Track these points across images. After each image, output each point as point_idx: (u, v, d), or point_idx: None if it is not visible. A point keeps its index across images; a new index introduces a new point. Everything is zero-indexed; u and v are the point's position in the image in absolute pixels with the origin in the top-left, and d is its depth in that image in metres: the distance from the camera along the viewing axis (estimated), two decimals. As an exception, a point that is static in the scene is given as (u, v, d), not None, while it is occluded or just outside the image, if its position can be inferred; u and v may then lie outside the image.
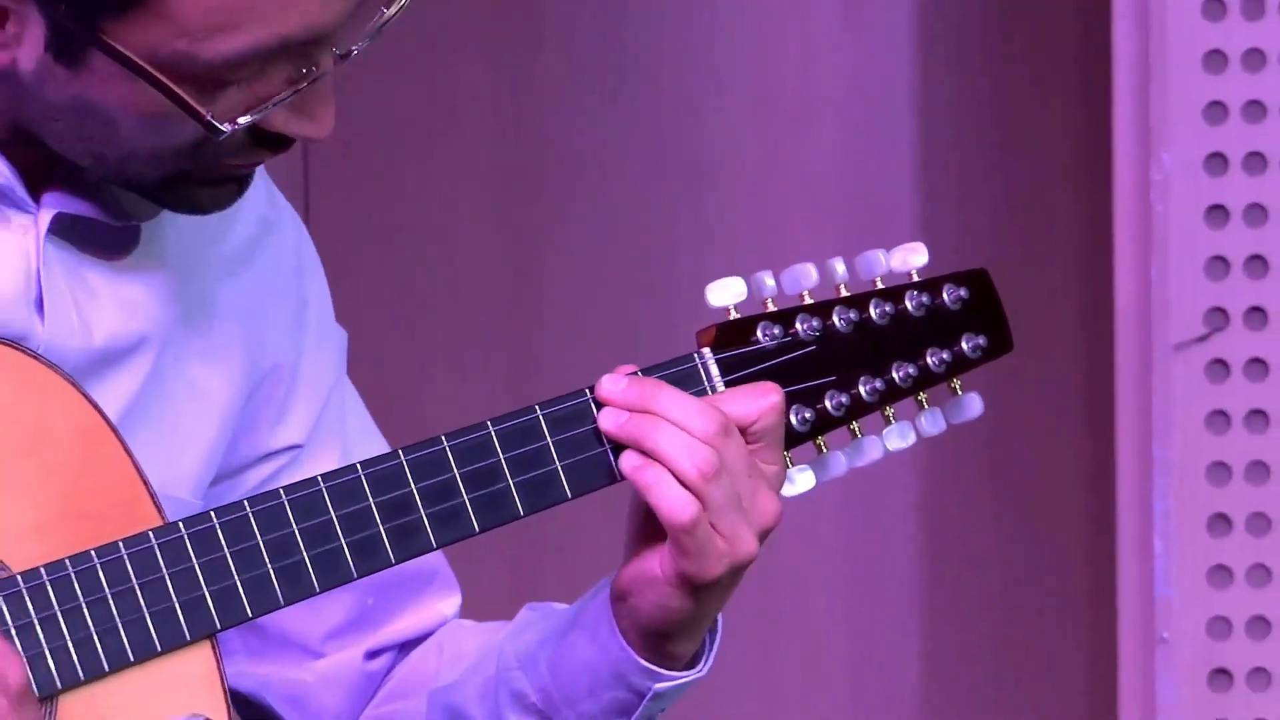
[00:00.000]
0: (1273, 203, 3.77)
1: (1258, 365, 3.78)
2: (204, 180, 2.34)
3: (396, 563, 2.25)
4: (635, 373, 2.27)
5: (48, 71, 2.29)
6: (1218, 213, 3.75)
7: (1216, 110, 3.80)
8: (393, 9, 2.27)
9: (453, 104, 4.65)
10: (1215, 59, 3.77)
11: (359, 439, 2.50)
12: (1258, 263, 3.77)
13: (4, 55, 2.27)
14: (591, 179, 4.53)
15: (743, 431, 2.30)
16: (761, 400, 2.27)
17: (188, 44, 2.23)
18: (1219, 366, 3.75)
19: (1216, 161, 3.76)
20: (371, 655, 2.50)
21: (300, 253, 2.52)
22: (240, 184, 2.34)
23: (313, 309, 2.54)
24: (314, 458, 2.46)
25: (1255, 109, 3.82)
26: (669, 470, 2.26)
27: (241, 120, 2.24)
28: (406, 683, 2.51)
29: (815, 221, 4.36)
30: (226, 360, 2.47)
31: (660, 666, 2.32)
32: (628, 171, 4.51)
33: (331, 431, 2.50)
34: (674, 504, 2.24)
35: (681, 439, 2.28)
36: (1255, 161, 3.76)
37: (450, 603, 2.51)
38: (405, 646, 2.51)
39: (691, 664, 2.35)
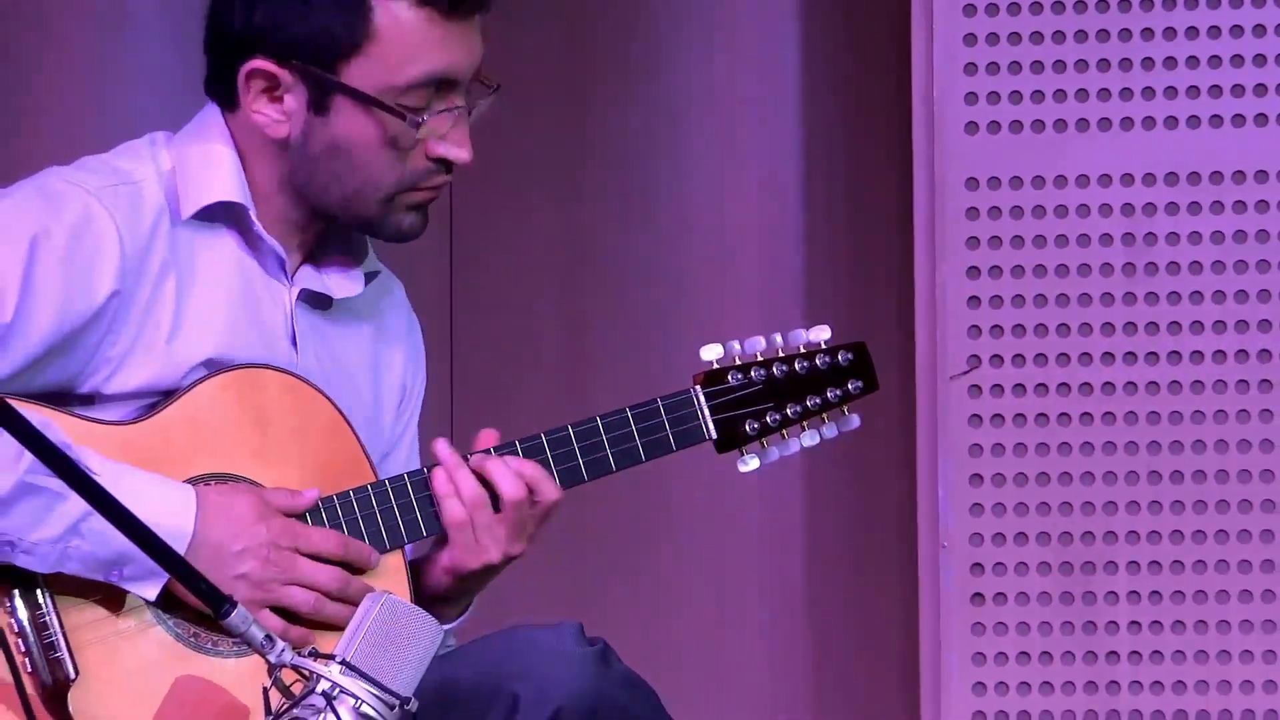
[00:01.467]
0: (1028, 265, 3.91)
1: (997, 389, 3.90)
2: (409, 199, 2.75)
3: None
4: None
5: (309, 128, 2.71)
6: (977, 293, 3.89)
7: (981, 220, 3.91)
8: (489, 91, 2.74)
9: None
10: (973, 182, 3.89)
11: (407, 444, 2.92)
12: (999, 329, 3.92)
13: (283, 128, 2.71)
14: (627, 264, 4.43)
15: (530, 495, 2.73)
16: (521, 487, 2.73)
17: (387, 75, 2.67)
18: (975, 389, 3.89)
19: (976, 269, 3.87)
20: None
21: (414, 317, 2.94)
22: (422, 214, 2.76)
23: (419, 347, 2.94)
24: (401, 446, 2.91)
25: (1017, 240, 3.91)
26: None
27: (423, 131, 2.69)
28: None
29: (757, 304, 4.41)
30: (397, 381, 2.90)
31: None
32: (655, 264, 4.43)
33: (408, 433, 2.92)
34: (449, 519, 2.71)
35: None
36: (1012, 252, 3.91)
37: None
38: None
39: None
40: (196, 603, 2.50)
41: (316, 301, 2.78)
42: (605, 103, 4.38)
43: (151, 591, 2.55)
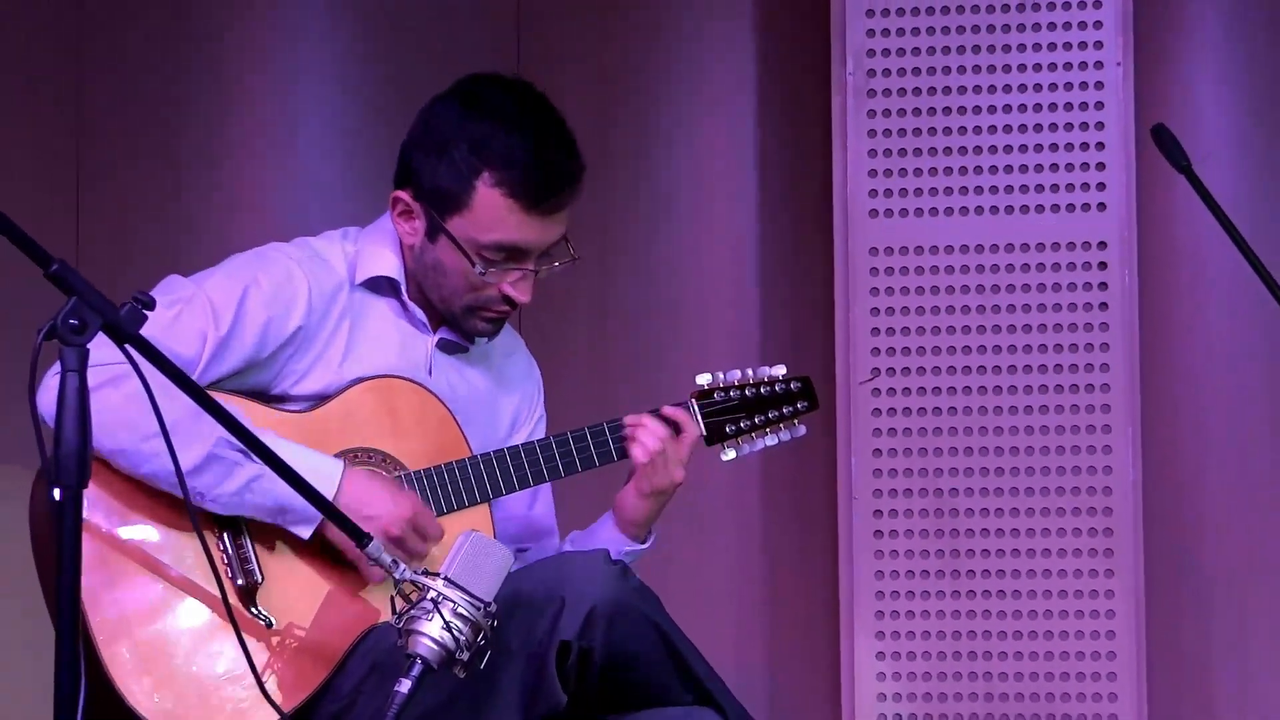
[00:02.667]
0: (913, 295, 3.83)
1: (890, 391, 3.83)
2: (477, 314, 2.73)
3: (568, 475, 2.75)
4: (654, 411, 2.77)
5: (424, 246, 2.72)
6: (877, 325, 3.82)
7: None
8: (563, 259, 2.71)
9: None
10: (874, 250, 3.83)
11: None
12: (892, 350, 3.84)
13: (410, 240, 2.71)
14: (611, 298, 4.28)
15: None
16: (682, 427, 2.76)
17: (475, 233, 2.66)
18: (876, 391, 3.83)
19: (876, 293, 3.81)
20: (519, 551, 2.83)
21: (533, 362, 2.92)
22: (494, 325, 2.75)
23: (538, 384, 2.94)
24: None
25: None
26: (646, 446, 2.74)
27: (488, 273, 2.66)
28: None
29: (728, 334, 4.23)
30: (513, 409, 2.89)
31: (631, 543, 2.80)
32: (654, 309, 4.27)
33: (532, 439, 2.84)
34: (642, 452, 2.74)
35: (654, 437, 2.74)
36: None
37: (551, 539, 2.92)
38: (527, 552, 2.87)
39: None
40: (340, 538, 2.53)
41: (451, 348, 2.78)
42: (621, 189, 4.26)
43: (305, 532, 2.57)
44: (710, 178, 4.30)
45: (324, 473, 2.55)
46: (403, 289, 2.73)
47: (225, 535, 2.57)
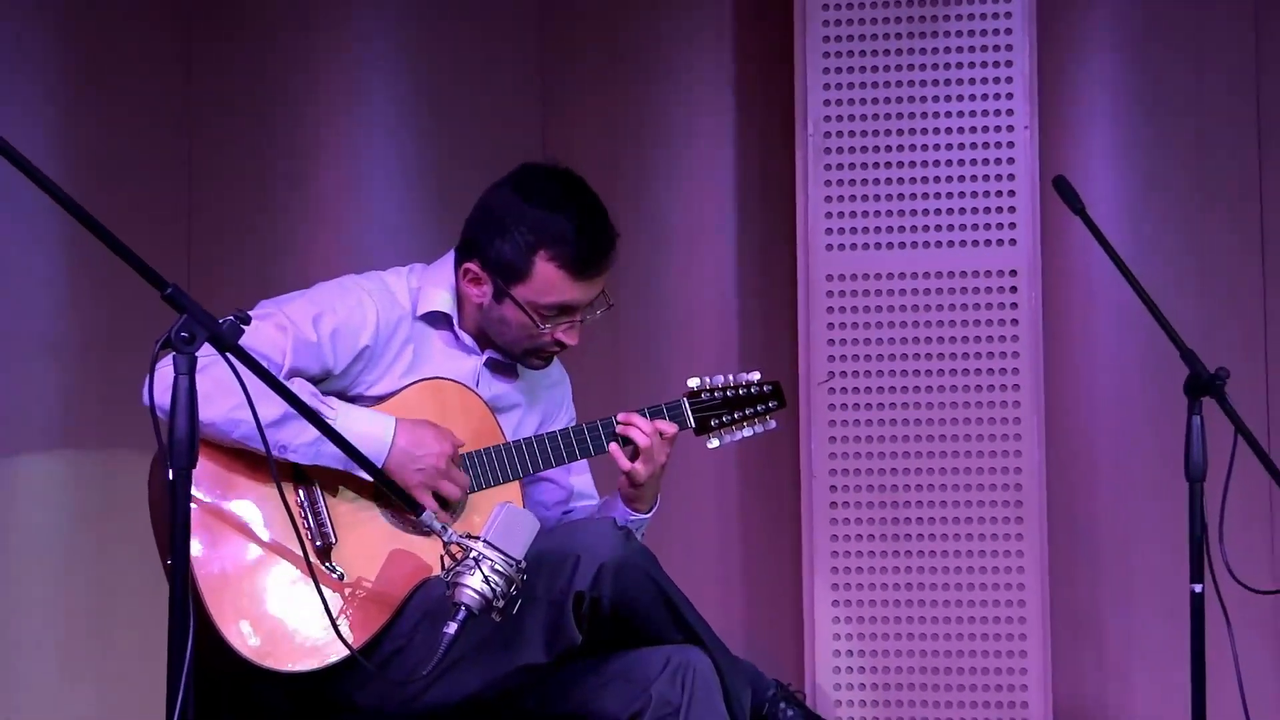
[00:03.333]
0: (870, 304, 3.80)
1: (843, 390, 3.81)
2: (534, 355, 2.77)
3: (582, 458, 2.73)
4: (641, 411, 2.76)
5: (490, 305, 2.73)
6: (832, 337, 3.79)
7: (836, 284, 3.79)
8: (602, 307, 2.71)
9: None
10: (829, 277, 3.80)
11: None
12: (844, 357, 3.81)
13: (477, 299, 2.72)
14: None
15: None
16: (664, 432, 2.74)
17: (535, 297, 2.69)
18: (831, 390, 3.80)
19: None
20: (564, 515, 2.88)
21: (565, 382, 2.92)
22: (546, 360, 2.79)
23: (567, 391, 2.94)
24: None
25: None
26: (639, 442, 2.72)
27: (545, 329, 2.69)
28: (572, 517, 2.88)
29: (712, 342, 4.17)
30: (542, 416, 2.87)
31: (637, 514, 2.81)
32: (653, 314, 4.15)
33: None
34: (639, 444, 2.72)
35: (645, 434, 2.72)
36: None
37: (594, 501, 2.91)
38: (569, 514, 2.90)
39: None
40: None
41: (497, 367, 2.79)
42: (626, 228, 4.08)
43: (370, 478, 2.52)
44: (698, 219, 4.29)
45: (381, 427, 2.54)
46: (455, 322, 2.72)
47: (305, 505, 2.57)
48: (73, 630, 4.03)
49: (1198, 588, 2.55)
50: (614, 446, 2.68)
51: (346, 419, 2.48)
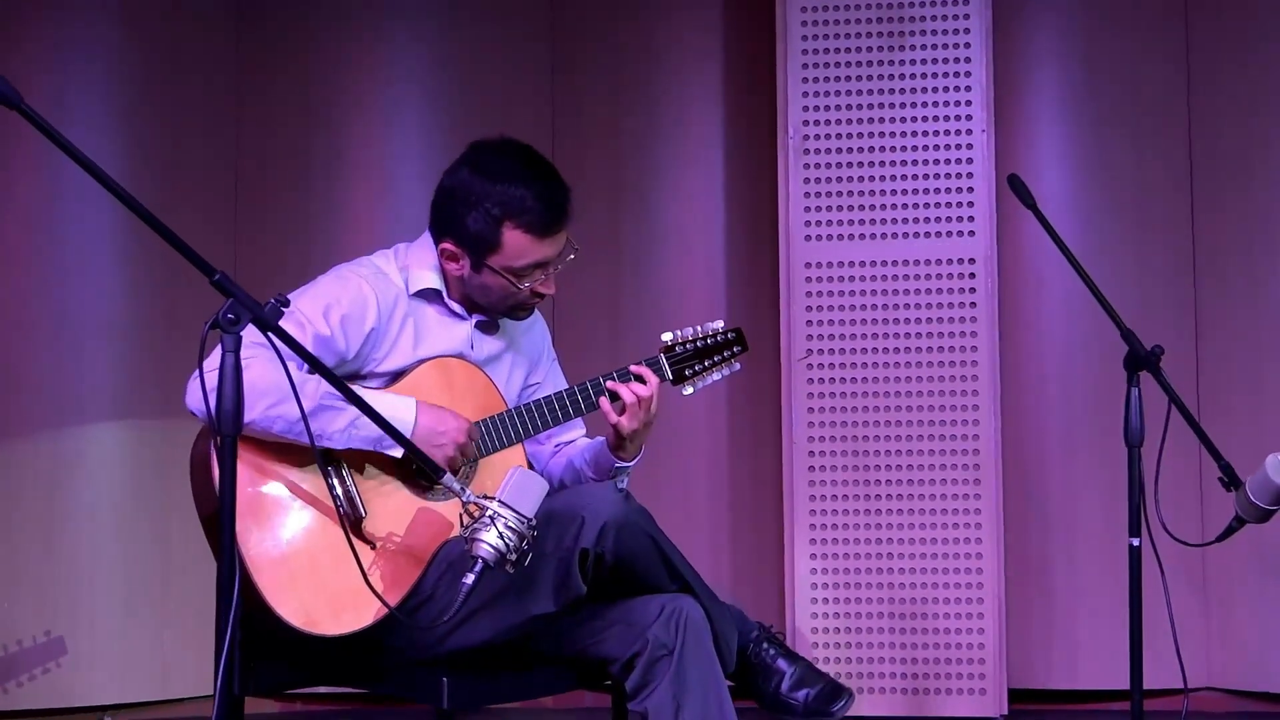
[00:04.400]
0: (843, 288, 3.78)
1: (820, 366, 3.79)
2: (517, 309, 2.69)
3: (575, 417, 2.67)
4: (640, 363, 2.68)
5: (470, 276, 2.64)
6: (810, 319, 3.77)
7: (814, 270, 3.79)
8: (570, 255, 2.61)
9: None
10: (809, 264, 3.79)
11: (553, 381, 2.82)
12: (821, 336, 3.79)
13: (458, 272, 2.63)
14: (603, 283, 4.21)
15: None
16: (640, 395, 2.65)
17: (509, 262, 2.61)
18: (810, 366, 3.78)
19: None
20: (558, 447, 2.84)
21: (539, 322, 2.82)
22: (528, 311, 2.70)
23: (546, 334, 2.85)
24: (541, 390, 2.80)
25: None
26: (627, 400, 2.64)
27: (524, 286, 2.62)
28: (560, 456, 2.82)
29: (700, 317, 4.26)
30: (528, 361, 2.80)
31: (621, 461, 2.72)
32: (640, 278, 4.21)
33: (550, 376, 2.82)
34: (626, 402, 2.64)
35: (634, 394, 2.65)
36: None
37: (578, 430, 2.84)
38: (564, 446, 2.85)
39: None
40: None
41: (486, 327, 2.73)
42: (628, 222, 4.23)
43: (398, 453, 2.49)
44: (691, 212, 4.26)
45: (404, 408, 2.50)
46: (444, 294, 2.65)
47: (337, 484, 2.52)
48: (132, 577, 4.05)
49: (1135, 541, 2.54)
50: (604, 401, 2.62)
51: (373, 403, 2.40)
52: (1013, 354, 4.04)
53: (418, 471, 2.49)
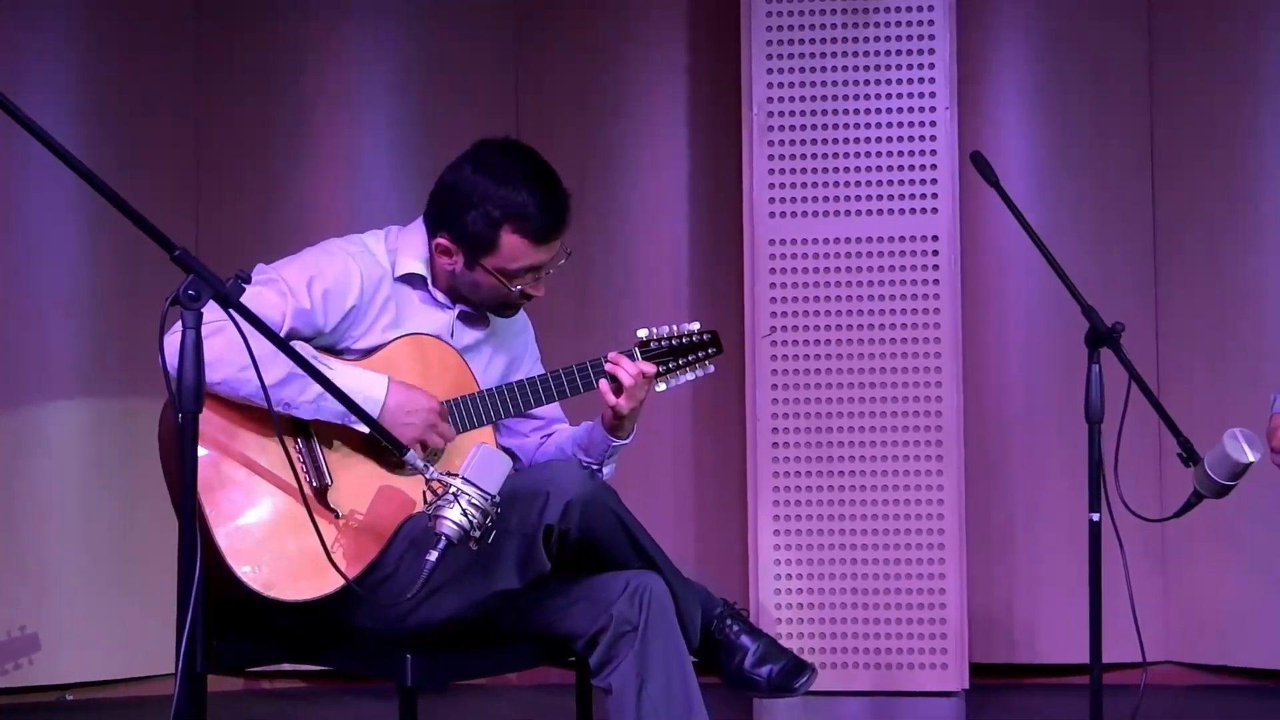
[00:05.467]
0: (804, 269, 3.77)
1: (782, 343, 3.78)
2: (504, 308, 2.71)
3: (549, 402, 2.68)
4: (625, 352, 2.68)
5: (463, 272, 2.66)
6: (774, 295, 3.73)
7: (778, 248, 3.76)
8: (563, 259, 2.64)
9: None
10: (772, 241, 3.76)
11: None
12: (785, 314, 3.78)
13: (450, 268, 2.65)
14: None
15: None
16: (645, 372, 2.69)
17: (503, 264, 2.63)
18: (773, 344, 3.77)
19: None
20: (543, 439, 2.83)
21: (529, 329, 2.85)
22: (514, 310, 2.73)
23: (530, 334, 2.86)
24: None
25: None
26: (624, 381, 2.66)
27: (515, 288, 2.64)
28: (548, 445, 2.83)
29: (665, 301, 4.20)
30: (509, 356, 2.80)
31: (618, 441, 2.73)
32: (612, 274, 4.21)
33: (533, 373, 2.78)
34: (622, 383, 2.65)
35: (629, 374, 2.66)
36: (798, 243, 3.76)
37: (566, 425, 2.85)
38: (548, 435, 2.84)
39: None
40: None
41: (469, 319, 2.74)
42: (595, 204, 4.23)
43: (365, 429, 2.49)
44: (657, 192, 4.26)
45: (375, 385, 2.49)
46: (429, 283, 2.66)
47: (301, 448, 2.53)
48: (97, 555, 4.05)
49: (1095, 516, 2.54)
50: (604, 384, 2.64)
51: (343, 376, 2.42)
52: (975, 331, 4.04)
53: (385, 448, 2.47)
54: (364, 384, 2.45)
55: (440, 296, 2.67)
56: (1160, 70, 4.12)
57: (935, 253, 3.72)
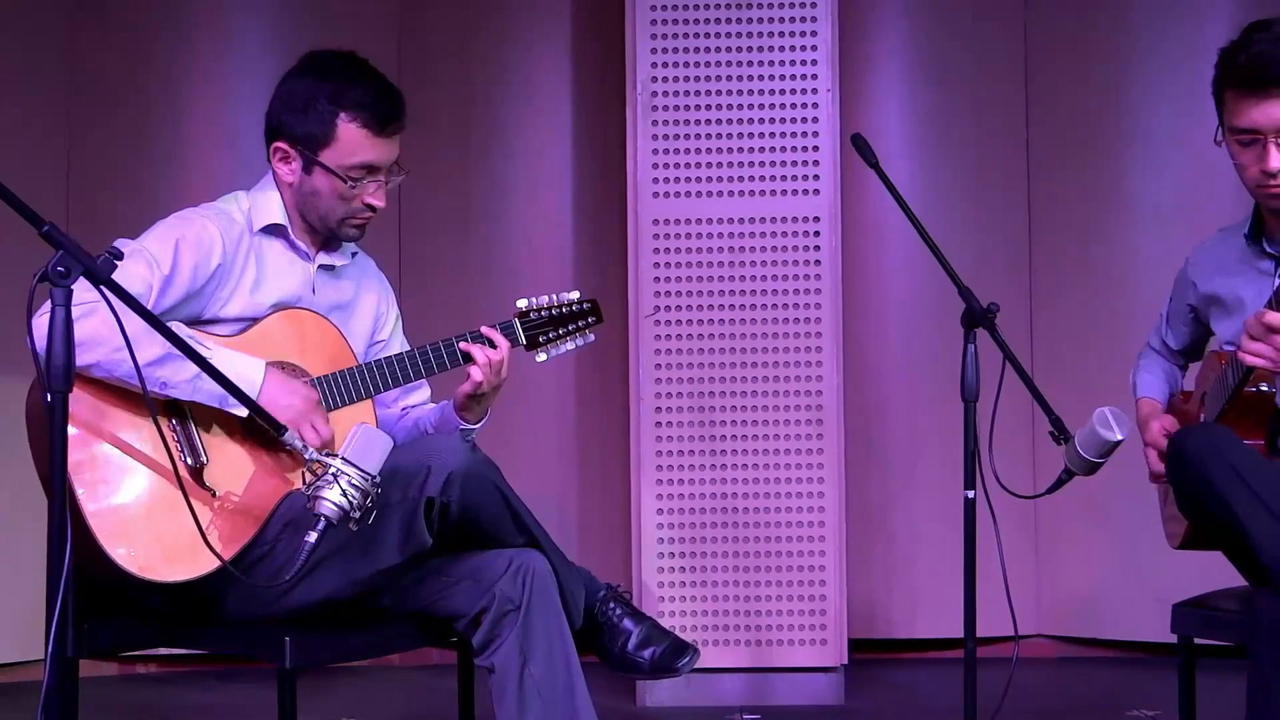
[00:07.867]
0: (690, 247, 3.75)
1: (667, 323, 3.76)
2: (349, 223, 2.66)
3: (425, 377, 2.66)
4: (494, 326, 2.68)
5: (302, 179, 2.62)
6: (658, 275, 3.74)
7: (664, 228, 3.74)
8: (399, 174, 2.61)
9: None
10: (655, 221, 3.75)
11: (399, 340, 2.80)
12: (668, 293, 3.77)
13: (290, 177, 2.62)
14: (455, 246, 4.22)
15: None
16: (501, 354, 2.67)
17: (341, 159, 2.59)
18: (656, 323, 3.76)
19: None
20: (404, 411, 2.83)
21: (384, 277, 2.82)
22: (361, 230, 2.66)
23: (389, 292, 2.83)
24: (388, 348, 2.78)
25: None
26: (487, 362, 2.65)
27: (355, 192, 2.60)
28: (407, 420, 2.83)
29: (549, 278, 4.17)
30: (373, 314, 2.78)
31: (466, 424, 2.73)
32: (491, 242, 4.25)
33: (395, 335, 2.80)
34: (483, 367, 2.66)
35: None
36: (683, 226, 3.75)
37: (425, 394, 2.84)
38: (409, 410, 2.84)
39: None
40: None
41: (328, 269, 2.72)
42: (477, 177, 4.21)
43: (243, 412, 2.46)
44: (541, 169, 4.25)
45: (252, 368, 2.46)
46: (289, 230, 2.63)
47: (176, 427, 2.49)
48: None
49: (970, 493, 2.56)
50: (467, 360, 2.64)
51: (220, 358, 2.38)
52: (856, 310, 4.09)
53: (263, 428, 2.45)
54: (241, 367, 2.43)
55: (301, 244, 2.64)
56: (1036, 53, 4.18)
57: (817, 234, 3.74)
